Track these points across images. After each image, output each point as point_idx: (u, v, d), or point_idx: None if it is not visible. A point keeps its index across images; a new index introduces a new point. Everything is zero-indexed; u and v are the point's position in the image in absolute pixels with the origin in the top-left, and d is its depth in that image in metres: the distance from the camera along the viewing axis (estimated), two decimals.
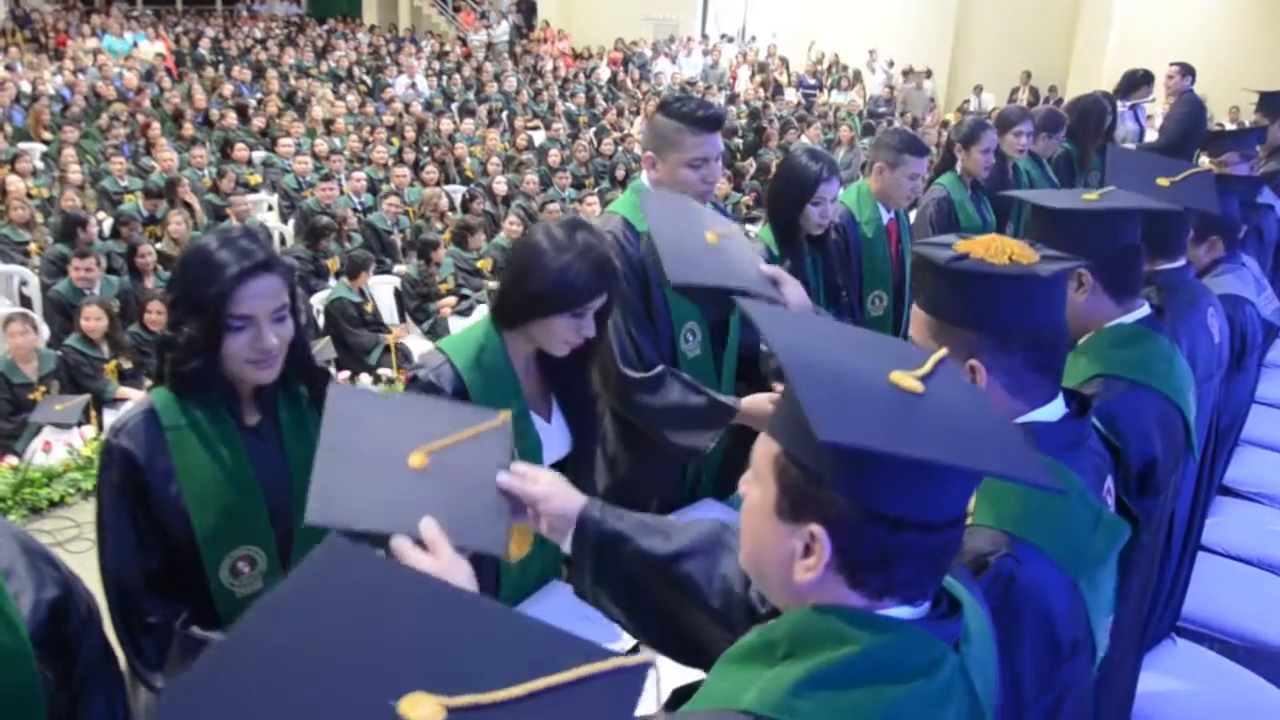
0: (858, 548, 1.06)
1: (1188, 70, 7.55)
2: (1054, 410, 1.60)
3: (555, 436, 2.32)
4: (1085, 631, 1.54)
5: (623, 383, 2.70)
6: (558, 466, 2.23)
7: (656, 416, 2.70)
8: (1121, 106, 7.42)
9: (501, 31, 20.68)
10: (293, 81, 14.84)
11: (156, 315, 6.19)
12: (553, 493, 1.53)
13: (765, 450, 1.15)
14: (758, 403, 2.70)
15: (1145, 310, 2.21)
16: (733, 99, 16.78)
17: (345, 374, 6.29)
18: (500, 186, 9.84)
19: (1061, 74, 16.20)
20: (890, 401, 1.07)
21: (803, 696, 1.04)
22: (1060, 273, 1.56)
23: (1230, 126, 11.52)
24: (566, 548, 1.54)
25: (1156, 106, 9.63)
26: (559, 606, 2.33)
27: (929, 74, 17.81)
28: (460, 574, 1.33)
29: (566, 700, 0.71)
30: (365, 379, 6.28)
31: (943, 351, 1.18)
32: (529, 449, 2.23)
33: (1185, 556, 2.91)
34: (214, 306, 1.83)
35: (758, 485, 1.16)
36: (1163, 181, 2.23)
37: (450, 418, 1.58)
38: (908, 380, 1.09)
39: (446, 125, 12.50)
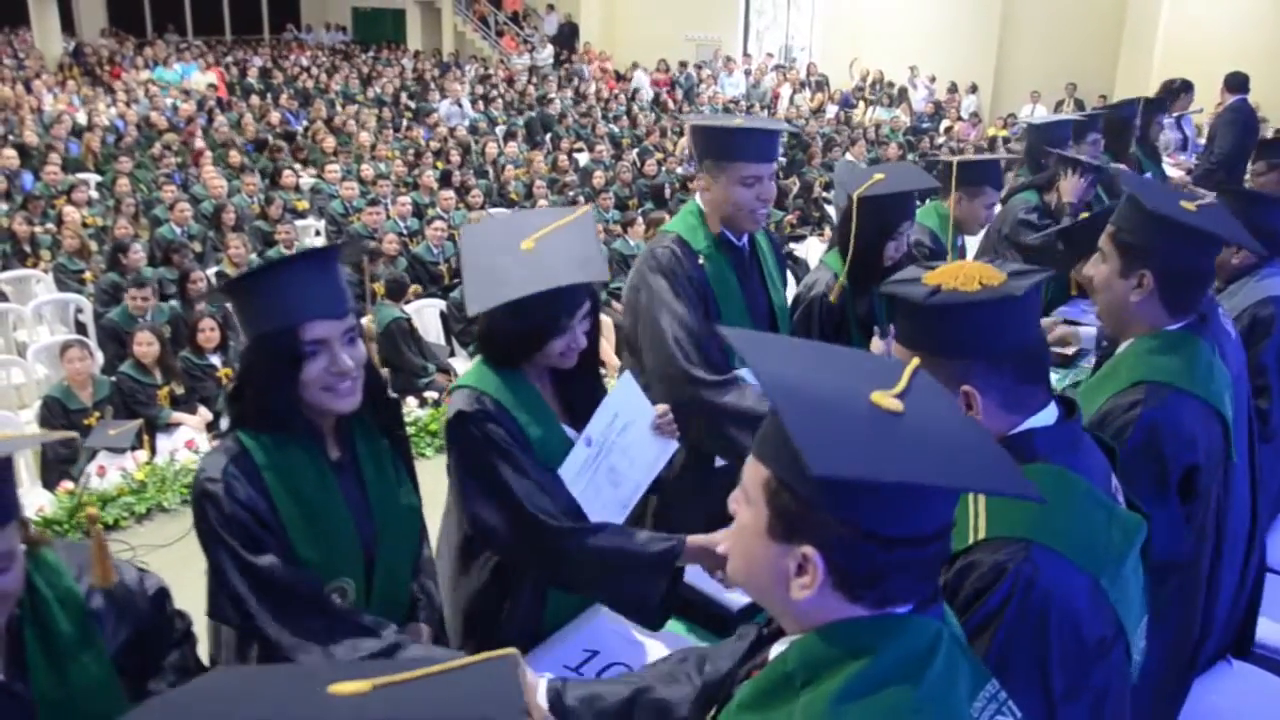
0: (854, 565, 1.11)
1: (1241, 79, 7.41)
2: (1048, 415, 1.64)
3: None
4: (1115, 629, 1.56)
5: (690, 381, 2.72)
6: None
7: (728, 414, 2.70)
8: (1167, 119, 7.29)
9: (546, 55, 20.82)
10: (339, 108, 15.06)
11: (210, 333, 6.27)
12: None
13: (754, 474, 1.18)
14: None
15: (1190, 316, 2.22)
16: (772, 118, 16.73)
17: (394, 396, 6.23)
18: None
19: (1108, 84, 15.95)
20: (873, 424, 1.11)
21: (842, 714, 1.08)
22: (1033, 287, 1.60)
23: None
24: None
25: (1204, 116, 9.46)
26: (601, 629, 2.36)
27: (974, 88, 17.65)
28: None
29: (461, 678, 0.90)
30: (412, 401, 6.29)
31: (915, 362, 1.22)
32: (562, 458, 2.25)
33: (1247, 573, 2.80)
34: (287, 336, 1.82)
35: (748, 507, 1.19)
36: (1188, 205, 2.18)
37: (550, 216, 2.22)
38: (888, 400, 1.13)
39: (491, 148, 12.58)
